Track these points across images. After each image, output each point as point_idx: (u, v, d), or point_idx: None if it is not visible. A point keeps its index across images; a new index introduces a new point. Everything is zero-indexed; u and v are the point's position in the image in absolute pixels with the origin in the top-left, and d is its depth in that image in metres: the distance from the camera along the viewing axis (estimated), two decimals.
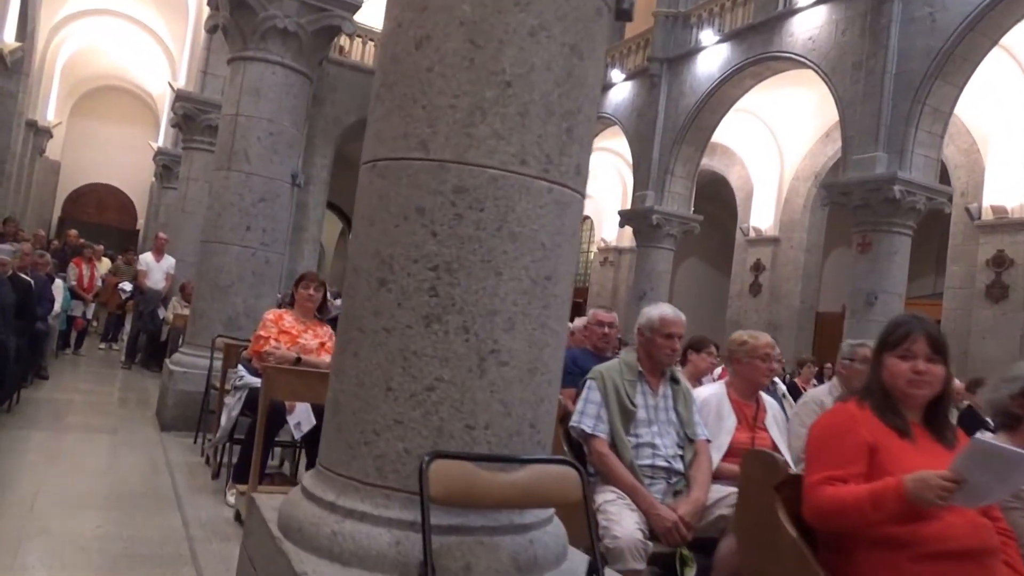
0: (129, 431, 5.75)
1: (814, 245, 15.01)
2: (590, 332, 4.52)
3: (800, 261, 14.91)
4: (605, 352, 4.47)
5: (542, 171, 2.05)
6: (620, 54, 15.99)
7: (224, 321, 6.13)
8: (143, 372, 9.59)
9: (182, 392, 5.93)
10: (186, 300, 9.76)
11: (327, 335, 4.65)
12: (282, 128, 6.38)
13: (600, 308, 4.80)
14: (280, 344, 4.40)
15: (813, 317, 14.85)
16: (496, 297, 1.99)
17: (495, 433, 1.98)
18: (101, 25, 16.59)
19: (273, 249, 6.40)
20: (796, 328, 14.50)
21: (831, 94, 10.95)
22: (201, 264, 6.36)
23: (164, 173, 14.70)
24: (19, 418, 5.65)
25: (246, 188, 6.23)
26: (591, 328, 4.51)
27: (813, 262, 14.99)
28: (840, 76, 10.73)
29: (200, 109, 10.31)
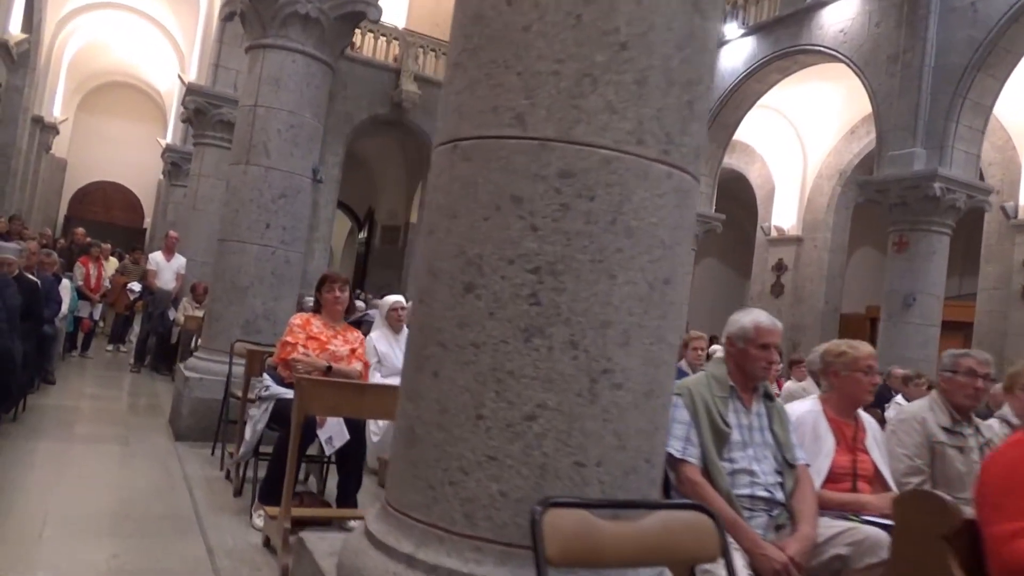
0: (141, 441, 5.41)
1: (838, 245, 14.61)
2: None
3: (824, 261, 14.51)
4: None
5: (661, 152, 1.70)
6: None
7: (242, 324, 5.79)
8: (153, 375, 9.26)
9: (198, 400, 5.59)
10: (197, 301, 9.45)
11: (357, 340, 4.31)
12: (303, 120, 6.03)
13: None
14: (308, 351, 4.05)
15: (837, 319, 14.46)
16: (609, 305, 1.63)
17: (608, 471, 1.63)
18: (108, 19, 16.27)
19: (294, 248, 6.05)
20: (820, 330, 14.09)
21: (864, 88, 10.56)
22: (218, 264, 6.01)
23: (173, 170, 14.38)
24: (25, 427, 5.31)
25: (265, 183, 5.88)
26: None
27: (837, 262, 14.59)
28: (874, 69, 10.34)
29: (212, 103, 9.98)
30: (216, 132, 10.13)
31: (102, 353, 10.68)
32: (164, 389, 8.20)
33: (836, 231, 14.58)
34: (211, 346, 5.89)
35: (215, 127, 10.10)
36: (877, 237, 15.15)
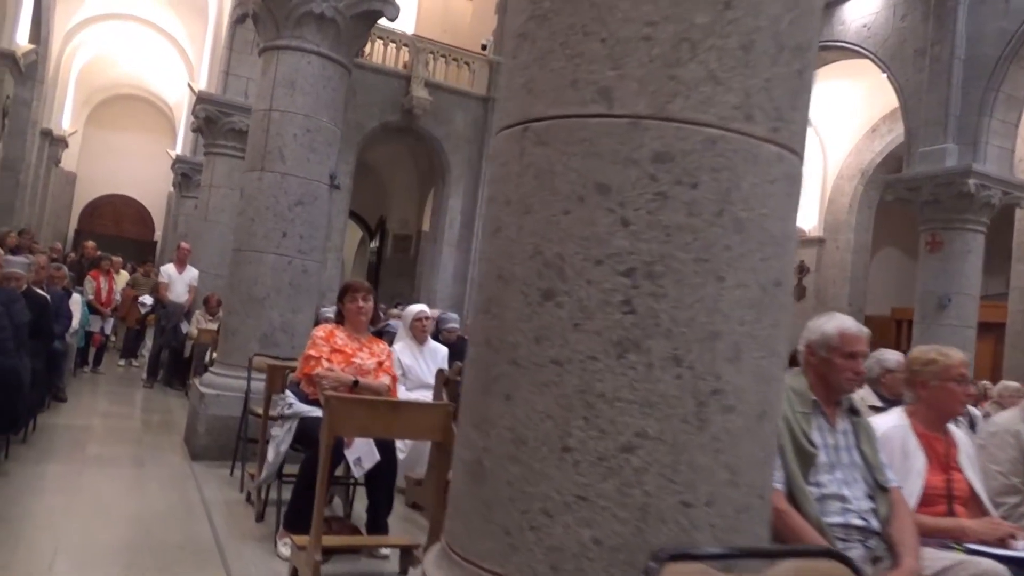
0: (156, 462, 5.16)
1: (862, 246, 14.29)
2: None
3: (847, 263, 14.20)
4: None
5: (771, 131, 1.44)
6: None
7: (259, 337, 5.55)
8: (166, 391, 9.04)
9: (214, 417, 5.35)
10: (210, 314, 9.23)
11: (384, 353, 4.06)
12: (320, 124, 5.80)
13: None
14: (334, 365, 3.80)
15: (862, 321, 14.10)
16: (717, 313, 1.37)
17: (720, 511, 1.36)
18: (115, 30, 16.13)
19: (311, 257, 5.81)
20: None
21: (890, 84, 10.28)
22: (233, 275, 5.78)
23: (183, 182, 14.20)
24: (35, 449, 5.07)
25: (281, 190, 5.65)
26: None
27: (861, 263, 14.27)
28: (900, 64, 10.05)
29: (222, 111, 9.78)
30: (227, 141, 9.92)
31: (114, 368, 10.48)
32: (178, 405, 7.98)
33: (859, 231, 14.26)
34: (227, 361, 5.65)
35: (226, 136, 9.89)
36: (901, 237, 14.83)
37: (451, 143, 17.21)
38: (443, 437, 3.06)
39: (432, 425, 3.06)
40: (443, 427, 3.06)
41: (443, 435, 3.06)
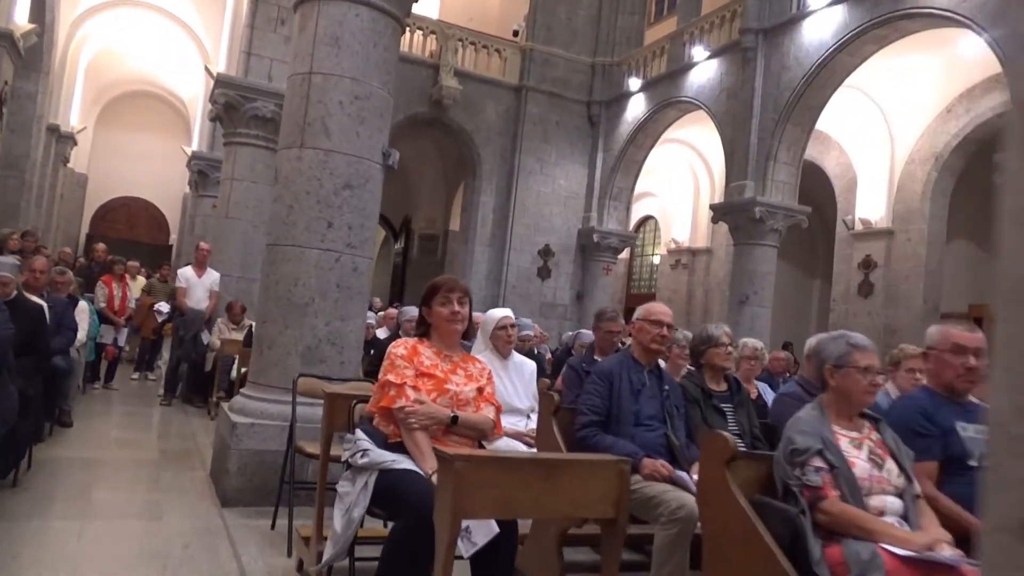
0: (178, 511, 4.12)
1: (936, 237, 13.10)
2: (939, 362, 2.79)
3: (921, 256, 13.01)
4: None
5: None
6: (700, 30, 14.22)
7: (301, 352, 4.51)
8: (185, 409, 8.03)
9: (249, 453, 4.30)
10: (234, 322, 8.25)
11: (483, 374, 3.00)
12: (370, 90, 4.75)
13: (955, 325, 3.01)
14: (423, 395, 2.74)
15: (938, 319, 12.93)
16: None
17: None
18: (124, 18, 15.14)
19: (362, 252, 4.77)
20: (919, 333, 12.49)
21: (994, 54, 9.12)
22: (267, 275, 4.73)
23: (200, 180, 13.21)
24: (28, 496, 4.04)
25: (326, 171, 4.61)
26: (942, 357, 2.77)
27: (935, 256, 13.08)
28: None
29: (244, 96, 8.75)
30: (249, 129, 8.90)
31: (127, 383, 9.49)
32: (200, 427, 6.98)
33: (933, 221, 13.08)
34: (262, 380, 4.60)
35: (248, 123, 8.87)
36: (975, 227, 13.64)
37: (482, 135, 16.18)
38: (616, 511, 2.00)
39: (602, 494, 1.99)
40: (616, 496, 2.00)
41: (616, 508, 2.00)
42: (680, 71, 14.56)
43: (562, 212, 16.53)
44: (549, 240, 16.39)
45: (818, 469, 2.25)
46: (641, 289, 21.30)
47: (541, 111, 16.29)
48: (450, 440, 2.78)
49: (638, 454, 3.09)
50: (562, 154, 16.50)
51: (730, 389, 3.65)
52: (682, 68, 14.49)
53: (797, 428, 2.36)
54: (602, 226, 16.33)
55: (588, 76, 16.79)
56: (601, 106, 16.59)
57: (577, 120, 16.67)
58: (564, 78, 16.58)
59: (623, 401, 3.26)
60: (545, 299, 16.27)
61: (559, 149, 16.46)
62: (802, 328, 16.64)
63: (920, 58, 12.14)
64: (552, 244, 16.41)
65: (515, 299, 15.68)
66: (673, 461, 3.18)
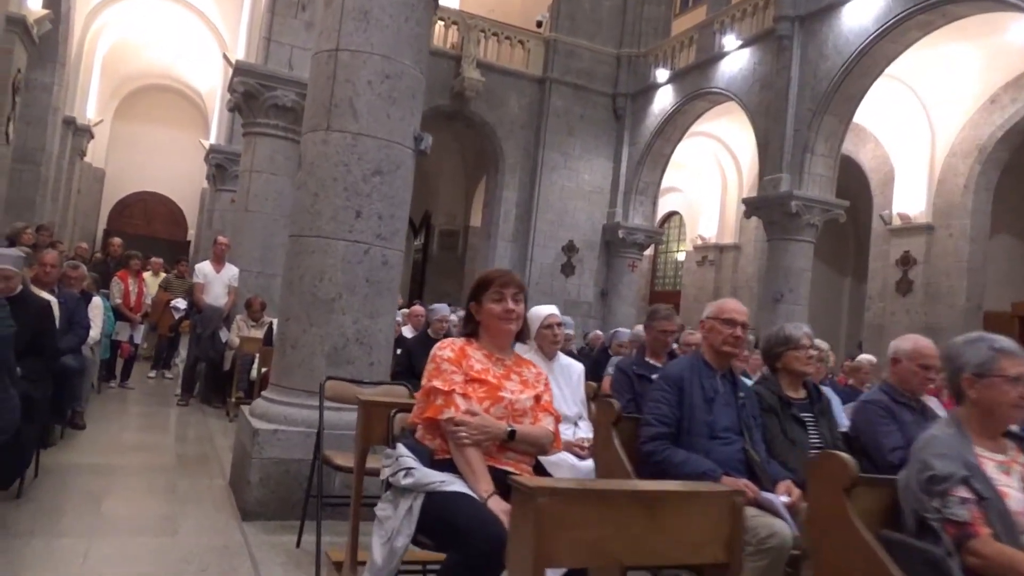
0: (195, 525, 3.77)
1: (979, 232, 12.57)
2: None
3: (963, 252, 12.48)
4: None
5: None
6: (732, 18, 13.75)
7: (327, 352, 4.16)
8: (203, 409, 7.72)
9: (272, 463, 3.95)
10: (253, 319, 7.93)
11: (540, 380, 2.62)
12: (401, 68, 4.39)
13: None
14: (472, 403, 2.37)
15: (981, 318, 12.40)
16: None
17: None
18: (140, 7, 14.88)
19: (392, 244, 4.41)
20: (962, 333, 12.00)
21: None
22: (290, 269, 4.38)
23: (218, 173, 12.93)
24: (32, 509, 3.71)
25: (354, 156, 4.25)
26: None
27: (979, 252, 12.55)
28: None
29: (264, 84, 8.43)
30: (269, 119, 8.58)
31: (144, 381, 9.20)
32: (218, 428, 6.66)
33: (976, 216, 12.55)
34: (285, 383, 4.25)
35: (268, 113, 8.55)
36: (1021, 222, 13.11)
37: (505, 128, 15.79)
38: (729, 555, 1.62)
39: (713, 533, 1.61)
40: (729, 536, 1.62)
41: (729, 550, 1.62)
42: (710, 61, 14.10)
43: (586, 207, 16.13)
44: (573, 236, 15.99)
45: (964, 501, 1.86)
46: (666, 286, 20.85)
47: (565, 104, 15.89)
48: (505, 457, 2.41)
49: (715, 471, 2.71)
50: (586, 148, 16.09)
51: (810, 396, 3.25)
52: (712, 58, 14.04)
53: (934, 450, 1.96)
54: (627, 221, 15.91)
55: (613, 68, 16.36)
56: (627, 98, 16.16)
57: (602, 113, 16.25)
58: (589, 70, 16.17)
59: (695, 411, 2.87)
60: (569, 296, 15.87)
61: (583, 143, 16.05)
62: (833, 328, 16.14)
63: (963, 46, 11.64)
64: (576, 240, 16.01)
65: (538, 296, 15.27)
66: (753, 479, 2.79)
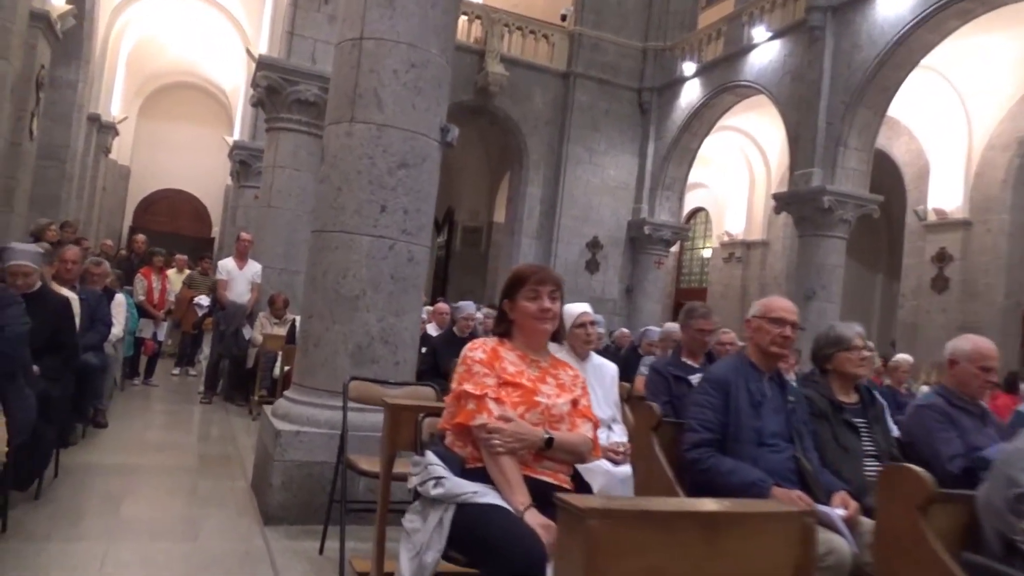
0: (215, 529, 3.66)
1: (1019, 228, 12.19)
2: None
3: (1002, 248, 12.12)
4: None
5: None
6: (761, 10, 13.45)
7: (351, 351, 4.02)
8: (227, 407, 7.64)
9: (294, 466, 3.82)
10: (276, 316, 7.84)
11: (577, 383, 2.46)
12: (427, 57, 4.23)
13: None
14: (508, 410, 2.21)
15: (1021, 316, 12.04)
16: None
17: None
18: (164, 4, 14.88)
19: (418, 240, 4.26)
20: (1000, 332, 11.67)
21: None
22: (313, 265, 4.25)
23: (242, 170, 12.89)
24: (49, 511, 3.61)
25: (378, 148, 4.11)
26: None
27: (1018, 248, 12.17)
28: None
29: (286, 79, 8.33)
30: (292, 114, 8.49)
31: (167, 378, 9.16)
32: (241, 427, 6.57)
33: (1016, 211, 12.19)
34: (307, 383, 4.12)
35: (291, 108, 8.46)
36: None
37: (529, 124, 15.61)
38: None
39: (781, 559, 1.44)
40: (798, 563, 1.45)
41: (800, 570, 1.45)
42: (738, 54, 13.82)
43: (611, 203, 15.90)
44: (598, 232, 15.78)
45: None
46: (691, 284, 20.57)
47: (590, 98, 15.68)
48: (542, 466, 2.25)
49: (766, 482, 2.52)
50: (611, 143, 15.86)
51: (862, 400, 3.05)
52: (741, 51, 13.75)
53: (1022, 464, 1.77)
54: (653, 217, 15.67)
55: (639, 61, 16.12)
56: (653, 93, 15.90)
57: (627, 107, 16.01)
58: (614, 64, 15.94)
59: (742, 416, 2.69)
60: (594, 293, 15.64)
61: (608, 138, 15.83)
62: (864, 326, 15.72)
63: (1001, 36, 11.30)
64: (601, 236, 15.80)
65: None
66: (805, 490, 2.60)
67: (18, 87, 7.99)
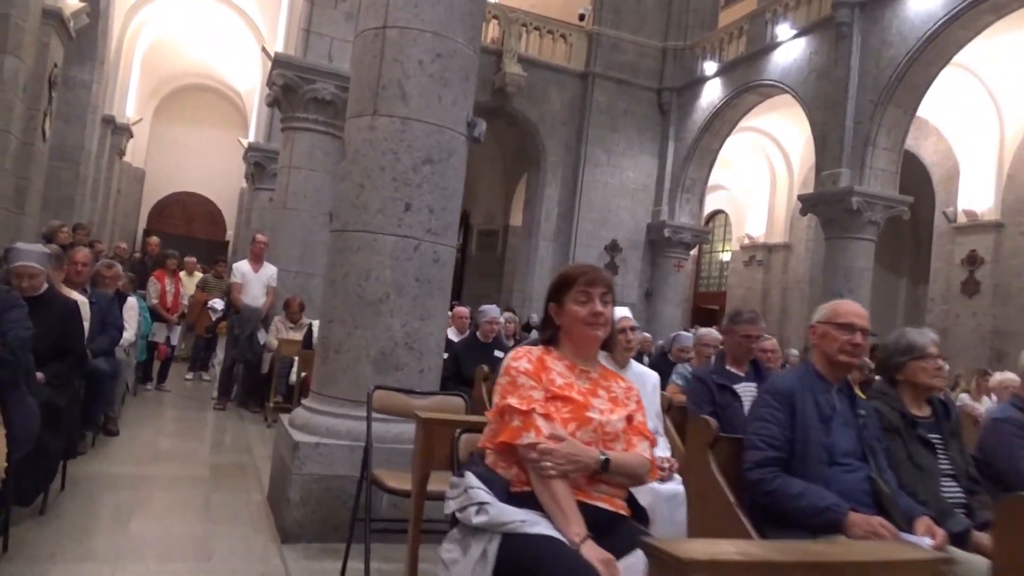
0: (232, 550, 3.43)
1: None
2: None
3: None
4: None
5: None
6: (785, 7, 13.16)
7: (373, 357, 3.79)
8: (241, 414, 7.44)
9: (314, 479, 3.59)
10: (292, 320, 7.63)
11: (632, 396, 2.21)
12: (454, 47, 4.01)
13: None
14: (559, 427, 1.97)
15: None
16: None
17: None
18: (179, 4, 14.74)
19: (444, 240, 4.03)
20: None
21: None
22: (334, 266, 4.02)
23: (256, 172, 12.71)
24: (55, 528, 3.40)
25: (403, 143, 3.88)
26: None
27: None
28: None
29: (303, 77, 8.13)
30: (308, 113, 8.29)
31: (180, 383, 8.97)
32: (256, 435, 6.36)
33: None
34: (327, 391, 3.90)
35: (307, 107, 8.26)
36: None
37: (547, 125, 15.37)
38: None
39: None
40: None
41: None
42: (761, 52, 13.53)
43: (630, 205, 15.64)
44: (616, 235, 15.51)
45: None
46: (710, 287, 20.26)
47: (608, 99, 15.43)
48: (597, 491, 2.01)
49: (840, 507, 2.26)
50: (630, 144, 15.60)
51: (935, 414, 2.79)
52: (764, 49, 13.47)
53: None
54: (673, 220, 15.39)
55: (658, 61, 15.86)
56: (672, 93, 15.63)
57: (646, 108, 15.75)
58: (633, 64, 15.69)
59: (810, 432, 2.43)
60: None
61: (627, 139, 15.57)
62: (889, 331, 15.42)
63: None
64: (619, 239, 15.53)
65: None
66: (882, 514, 2.34)
67: (31, 86, 7.83)
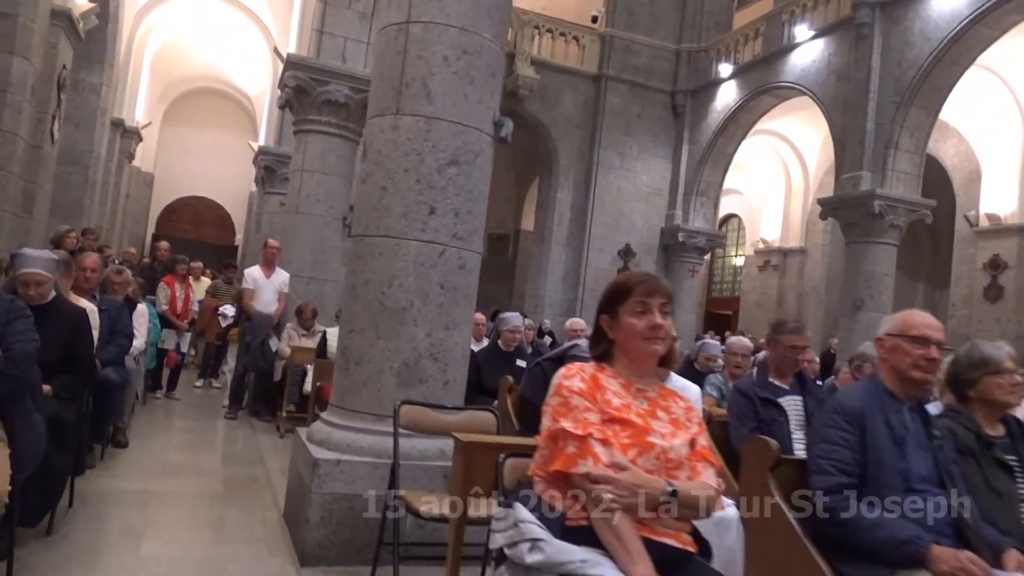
0: (245, 572, 3.23)
1: None
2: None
3: None
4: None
5: None
6: (803, 8, 12.95)
7: (397, 369, 3.60)
8: (252, 423, 7.24)
9: (335, 498, 3.39)
10: (304, 327, 7.44)
11: (693, 419, 2.01)
12: (480, 43, 3.82)
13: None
14: (619, 454, 1.78)
15: None
16: None
17: None
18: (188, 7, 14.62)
19: (470, 245, 3.83)
20: None
21: None
22: (355, 273, 3.83)
23: (267, 176, 12.57)
24: (61, 550, 3.21)
25: (427, 143, 3.69)
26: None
27: None
28: None
29: (316, 79, 7.96)
30: (321, 115, 8.11)
31: (190, 390, 8.78)
32: (269, 446, 6.17)
33: None
34: (348, 405, 3.70)
35: (320, 109, 8.09)
36: None
37: (559, 128, 15.19)
38: None
39: None
40: None
41: None
42: (778, 54, 13.32)
43: (643, 209, 15.44)
44: (630, 239, 15.30)
45: None
46: (723, 292, 20.02)
47: (622, 102, 15.24)
48: (661, 526, 1.80)
49: (922, 540, 2.06)
50: (644, 147, 15.41)
51: (1010, 434, 2.58)
52: (781, 51, 13.26)
53: None
54: (688, 224, 15.19)
55: (672, 64, 15.67)
56: (687, 95, 15.44)
57: (660, 111, 15.56)
58: (646, 66, 15.50)
59: (883, 455, 2.23)
60: None
61: (641, 142, 15.37)
62: None
63: None
64: (633, 244, 15.32)
65: (594, 302, 14.51)
66: (966, 547, 2.13)
67: (39, 88, 7.69)
